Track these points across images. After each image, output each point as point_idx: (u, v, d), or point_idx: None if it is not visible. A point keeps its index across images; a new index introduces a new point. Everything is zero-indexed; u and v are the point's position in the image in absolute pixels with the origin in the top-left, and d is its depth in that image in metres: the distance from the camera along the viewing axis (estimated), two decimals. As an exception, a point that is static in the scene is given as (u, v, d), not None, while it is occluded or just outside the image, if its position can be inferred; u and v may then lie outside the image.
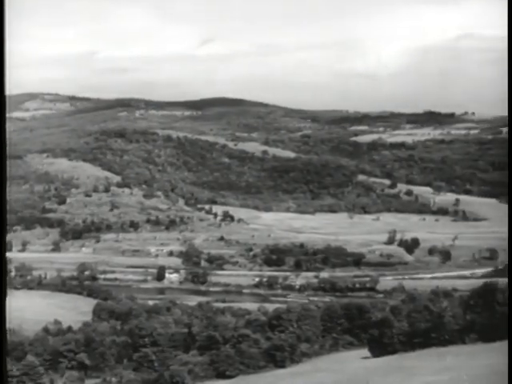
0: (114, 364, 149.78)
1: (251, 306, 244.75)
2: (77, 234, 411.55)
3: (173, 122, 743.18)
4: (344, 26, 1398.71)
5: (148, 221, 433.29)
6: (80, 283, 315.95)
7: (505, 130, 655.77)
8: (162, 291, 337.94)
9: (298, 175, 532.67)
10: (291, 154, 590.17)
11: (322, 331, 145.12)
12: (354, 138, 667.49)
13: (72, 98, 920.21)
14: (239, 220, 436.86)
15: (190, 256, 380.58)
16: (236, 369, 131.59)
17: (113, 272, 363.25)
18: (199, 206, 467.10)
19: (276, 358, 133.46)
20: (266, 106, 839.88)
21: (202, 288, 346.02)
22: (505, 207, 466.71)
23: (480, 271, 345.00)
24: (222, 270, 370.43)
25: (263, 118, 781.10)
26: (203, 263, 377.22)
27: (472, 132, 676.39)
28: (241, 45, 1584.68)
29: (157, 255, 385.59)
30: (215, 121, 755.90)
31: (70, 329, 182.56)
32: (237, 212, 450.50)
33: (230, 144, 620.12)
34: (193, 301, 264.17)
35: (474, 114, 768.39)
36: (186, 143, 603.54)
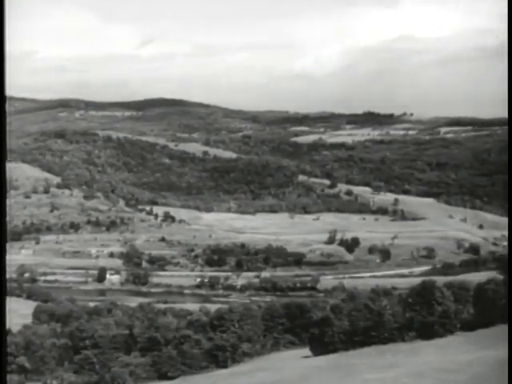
0: (54, 367, 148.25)
1: (193, 306, 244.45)
2: (16, 235, 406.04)
3: (113, 123, 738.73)
4: (283, 27, 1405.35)
5: (88, 222, 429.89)
6: (19, 285, 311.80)
7: (442, 130, 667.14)
8: (102, 293, 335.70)
9: (239, 176, 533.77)
10: (232, 155, 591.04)
11: (264, 331, 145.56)
12: (294, 139, 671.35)
13: (10, 99, 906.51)
14: (180, 221, 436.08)
15: (130, 257, 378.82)
16: (178, 370, 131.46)
17: (53, 274, 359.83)
18: (140, 206, 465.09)
19: (218, 359, 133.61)
20: (206, 106, 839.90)
21: (144, 289, 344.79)
22: (442, 206, 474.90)
23: (418, 269, 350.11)
24: (164, 270, 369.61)
25: (204, 118, 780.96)
26: (144, 264, 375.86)
27: (410, 132, 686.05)
28: (181, 45, 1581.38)
29: (97, 256, 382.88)
30: (156, 121, 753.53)
31: (9, 332, 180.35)
32: (178, 213, 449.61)
33: (171, 145, 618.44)
34: (134, 302, 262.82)
35: (412, 114, 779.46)
36: (126, 144, 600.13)
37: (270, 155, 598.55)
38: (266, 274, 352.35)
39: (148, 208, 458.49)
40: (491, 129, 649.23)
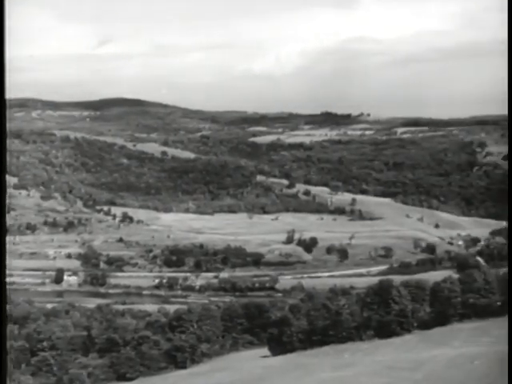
0: (11, 369, 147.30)
1: (151, 307, 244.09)
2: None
3: (71, 123, 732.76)
4: (242, 27, 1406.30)
5: (45, 223, 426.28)
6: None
7: (399, 130, 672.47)
8: (60, 294, 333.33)
9: (198, 176, 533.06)
10: (190, 155, 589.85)
11: (223, 331, 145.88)
12: (252, 139, 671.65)
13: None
14: (138, 221, 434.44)
15: (88, 258, 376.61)
16: (136, 371, 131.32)
17: (10, 275, 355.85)
18: (98, 207, 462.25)
19: (177, 359, 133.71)
20: (165, 106, 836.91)
21: (102, 290, 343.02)
22: (399, 206, 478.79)
23: (376, 269, 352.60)
24: (122, 271, 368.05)
25: (162, 118, 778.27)
26: (102, 265, 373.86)
27: (367, 133, 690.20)
28: (139, 45, 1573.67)
29: (55, 257, 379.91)
30: (114, 121, 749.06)
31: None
32: (136, 213, 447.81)
33: (129, 145, 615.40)
34: (92, 303, 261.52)
35: (369, 115, 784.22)
36: (84, 144, 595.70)
37: (228, 155, 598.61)
38: (224, 275, 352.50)
39: (106, 208, 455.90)
40: (447, 129, 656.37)
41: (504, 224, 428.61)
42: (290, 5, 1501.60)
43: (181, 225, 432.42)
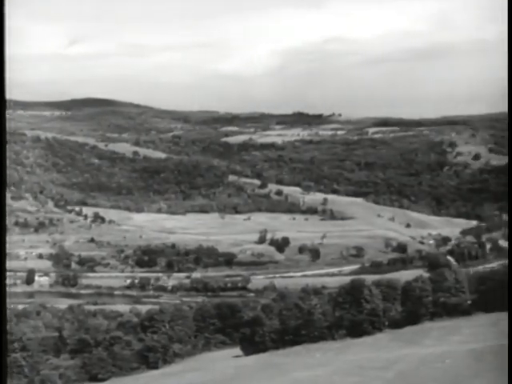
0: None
1: (123, 307, 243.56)
2: None
3: (42, 123, 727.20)
4: (213, 27, 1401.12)
5: (16, 223, 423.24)
6: None
7: (370, 130, 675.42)
8: (31, 295, 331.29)
9: (169, 176, 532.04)
10: (162, 155, 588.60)
11: (195, 331, 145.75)
12: (224, 139, 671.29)
13: None
14: (110, 221, 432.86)
15: (60, 258, 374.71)
16: (108, 371, 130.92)
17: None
18: (69, 207, 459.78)
19: (149, 360, 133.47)
20: (136, 106, 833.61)
21: (73, 291, 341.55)
22: (370, 206, 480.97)
23: (348, 268, 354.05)
24: (93, 272, 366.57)
25: (134, 118, 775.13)
26: (74, 265, 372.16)
27: (339, 133, 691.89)
28: (111, 45, 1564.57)
29: (26, 258, 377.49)
30: (85, 121, 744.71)
31: None
32: (108, 213, 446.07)
33: (101, 145, 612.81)
34: (63, 304, 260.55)
35: (340, 115, 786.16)
36: (55, 144, 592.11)
37: (200, 155, 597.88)
38: (196, 275, 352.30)
39: (77, 209, 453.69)
40: (418, 129, 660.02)
41: (474, 223, 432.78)
42: (262, 5, 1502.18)
43: (152, 225, 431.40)
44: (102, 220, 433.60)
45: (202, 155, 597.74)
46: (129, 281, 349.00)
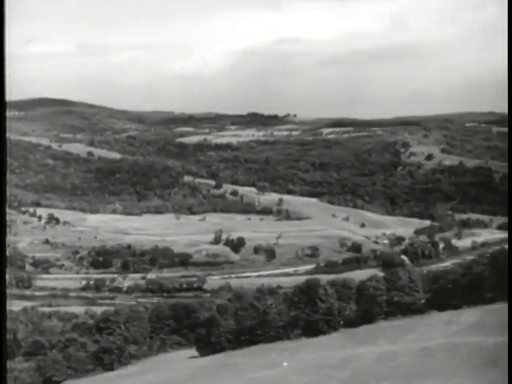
0: None
1: (78, 309, 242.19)
2: None
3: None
4: (168, 28, 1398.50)
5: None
6: None
7: (325, 131, 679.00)
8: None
9: (124, 176, 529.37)
10: (117, 156, 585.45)
11: (150, 332, 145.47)
12: (179, 139, 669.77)
13: None
14: (65, 222, 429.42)
15: (14, 260, 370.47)
16: (63, 373, 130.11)
17: None
18: (23, 208, 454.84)
19: (104, 361, 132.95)
20: (91, 106, 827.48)
21: (27, 292, 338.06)
22: (325, 206, 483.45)
23: (303, 268, 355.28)
24: (48, 273, 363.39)
25: (88, 118, 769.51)
26: (28, 267, 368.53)
27: (294, 133, 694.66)
28: (65, 45, 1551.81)
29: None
30: (39, 121, 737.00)
31: None
32: (62, 214, 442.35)
33: (55, 145, 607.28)
34: (17, 306, 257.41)
35: (295, 115, 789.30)
36: (8, 145, 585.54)
37: (155, 156, 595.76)
38: (152, 276, 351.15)
39: (31, 210, 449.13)
40: (372, 130, 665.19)
41: (427, 223, 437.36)
42: (216, 5, 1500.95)
43: (107, 226, 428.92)
44: (57, 221, 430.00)
45: (157, 156, 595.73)
46: (84, 282, 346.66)
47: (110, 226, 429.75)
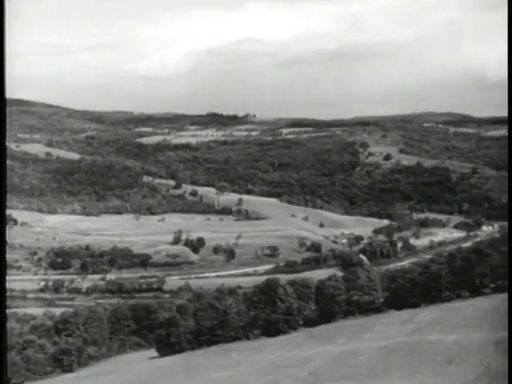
0: None
1: (36, 310, 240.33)
2: None
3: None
4: (128, 28, 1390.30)
5: None
6: None
7: (284, 131, 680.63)
8: None
9: (83, 177, 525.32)
10: (75, 156, 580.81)
11: (110, 333, 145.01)
12: (139, 140, 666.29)
13: None
14: (22, 223, 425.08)
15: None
16: (22, 376, 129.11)
17: None
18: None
19: (63, 363, 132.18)
20: (49, 106, 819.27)
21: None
22: (285, 206, 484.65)
23: (262, 268, 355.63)
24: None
25: (46, 118, 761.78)
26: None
27: (253, 133, 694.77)
28: (23, 44, 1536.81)
29: None
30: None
31: None
32: (20, 215, 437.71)
33: (12, 145, 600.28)
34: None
35: (254, 116, 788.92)
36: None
37: (114, 156, 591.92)
38: (111, 276, 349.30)
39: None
40: (331, 130, 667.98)
41: (385, 222, 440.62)
42: (175, 6, 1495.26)
43: (66, 226, 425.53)
44: (15, 222, 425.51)
45: (116, 156, 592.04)
46: (42, 283, 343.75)
47: (69, 226, 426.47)
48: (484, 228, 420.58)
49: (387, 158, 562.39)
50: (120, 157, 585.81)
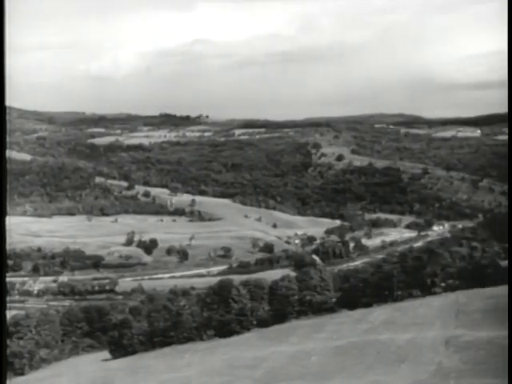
0: None
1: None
2: None
3: None
4: (80, 27, 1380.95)
5: None
6: None
7: (237, 132, 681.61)
8: None
9: (35, 178, 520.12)
10: (27, 157, 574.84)
11: (62, 335, 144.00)
12: (91, 140, 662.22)
13: None
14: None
15: None
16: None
17: None
18: None
19: (14, 366, 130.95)
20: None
21: None
22: (238, 206, 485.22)
23: (216, 269, 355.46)
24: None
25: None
26: None
27: (206, 134, 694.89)
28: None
29: None
30: None
31: None
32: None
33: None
34: None
35: (207, 116, 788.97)
36: None
37: (66, 157, 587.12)
38: (63, 278, 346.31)
39: None
40: (283, 131, 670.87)
41: (338, 223, 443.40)
42: (128, 6, 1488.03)
43: (18, 228, 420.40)
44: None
45: (68, 157, 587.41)
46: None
47: (21, 228, 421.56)
48: (435, 228, 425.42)
49: (339, 158, 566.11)
50: (72, 158, 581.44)
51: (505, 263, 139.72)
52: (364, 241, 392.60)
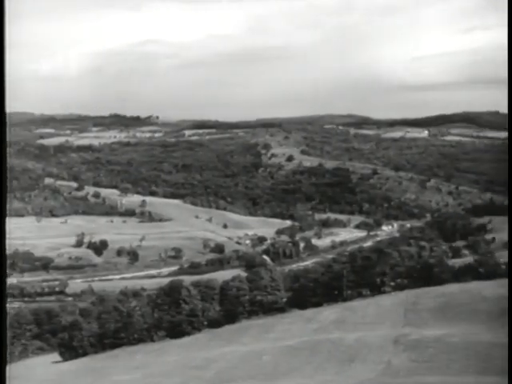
0: None
1: None
2: None
3: None
4: (30, 27, 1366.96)
5: None
6: None
7: (187, 132, 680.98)
8: None
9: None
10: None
11: (11, 338, 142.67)
12: (40, 141, 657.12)
13: None
14: None
15: None
16: None
17: None
18: None
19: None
20: None
21: None
22: (188, 207, 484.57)
23: (166, 270, 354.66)
24: None
25: None
26: None
27: (156, 135, 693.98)
28: None
29: None
30: None
31: None
32: None
33: None
34: None
35: (158, 117, 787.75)
36: None
37: (14, 158, 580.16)
38: (12, 280, 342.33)
39: None
40: (233, 131, 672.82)
41: (288, 223, 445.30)
42: (77, 6, 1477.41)
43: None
44: None
45: (17, 158, 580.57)
46: None
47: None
48: (384, 227, 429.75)
49: (290, 159, 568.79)
50: (21, 158, 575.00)
51: (452, 262, 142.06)
52: (314, 241, 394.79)
